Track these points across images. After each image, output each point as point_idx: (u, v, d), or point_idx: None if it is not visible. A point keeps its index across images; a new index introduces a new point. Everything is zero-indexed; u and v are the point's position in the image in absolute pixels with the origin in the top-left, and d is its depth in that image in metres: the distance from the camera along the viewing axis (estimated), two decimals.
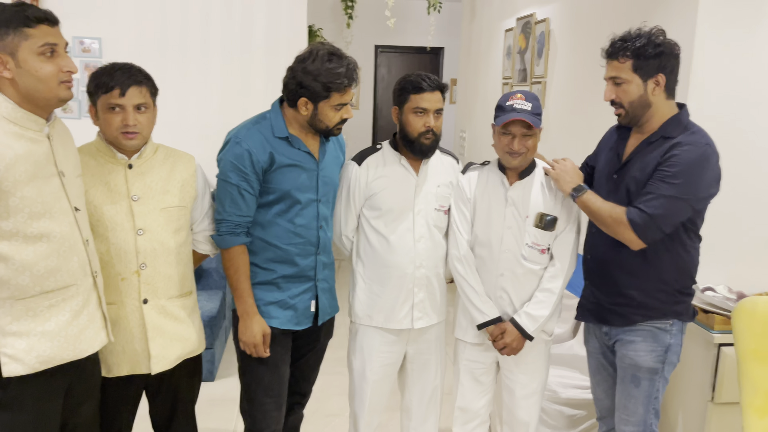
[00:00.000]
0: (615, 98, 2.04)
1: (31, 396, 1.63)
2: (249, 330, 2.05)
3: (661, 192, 1.93)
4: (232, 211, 2.01)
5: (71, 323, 1.66)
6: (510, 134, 2.08)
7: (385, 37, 7.30)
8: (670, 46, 1.99)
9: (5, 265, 1.56)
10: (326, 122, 2.04)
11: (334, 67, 1.96)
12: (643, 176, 2.00)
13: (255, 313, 2.06)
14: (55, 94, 1.60)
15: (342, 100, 2.01)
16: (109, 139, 1.86)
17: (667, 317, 2.07)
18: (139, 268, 1.87)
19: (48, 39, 1.56)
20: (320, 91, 1.97)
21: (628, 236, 1.97)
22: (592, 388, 2.35)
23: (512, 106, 2.07)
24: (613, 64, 2.02)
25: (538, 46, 4.08)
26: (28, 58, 1.54)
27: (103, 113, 1.82)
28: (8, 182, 1.52)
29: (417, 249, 2.20)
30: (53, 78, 1.58)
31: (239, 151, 1.98)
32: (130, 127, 1.82)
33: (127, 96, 1.81)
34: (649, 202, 1.94)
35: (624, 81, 1.99)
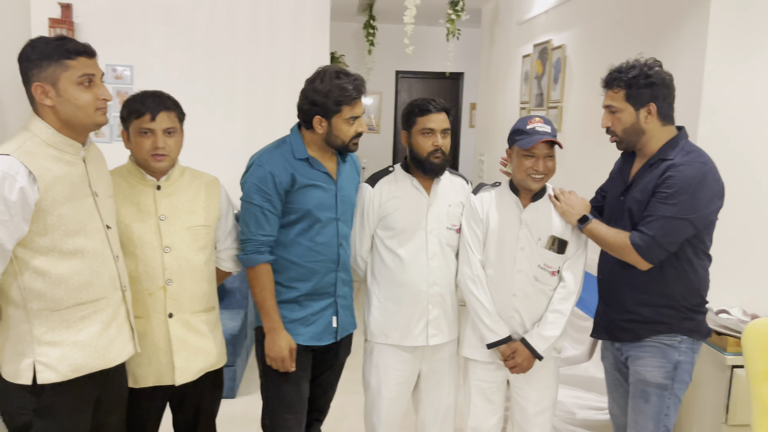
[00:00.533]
0: (610, 125, 2.15)
1: (63, 404, 1.72)
2: (276, 345, 2.11)
3: (661, 213, 2.01)
4: (257, 231, 2.09)
5: (101, 334, 1.76)
6: (533, 156, 2.15)
7: (406, 63, 7.45)
8: (660, 76, 2.07)
9: (42, 279, 1.66)
10: (341, 137, 2.13)
11: (342, 83, 2.08)
12: (644, 197, 2.08)
13: (281, 329, 2.13)
14: (92, 120, 1.72)
15: (353, 113, 2.12)
16: (139, 161, 1.98)
17: (674, 333, 2.10)
18: (166, 284, 1.97)
19: (86, 70, 1.69)
20: (331, 106, 2.07)
21: (634, 258, 2.06)
22: (609, 405, 2.38)
23: (534, 129, 2.14)
24: (608, 94, 2.14)
25: (554, 72, 4.16)
26: (68, 88, 1.67)
27: (135, 137, 1.95)
28: (47, 202, 1.64)
29: (430, 267, 2.26)
30: (91, 105, 1.70)
31: (262, 174, 2.09)
32: (159, 149, 1.94)
33: (157, 121, 1.93)
34: (650, 224, 2.02)
35: (617, 109, 2.10)
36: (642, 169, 2.14)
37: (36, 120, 1.70)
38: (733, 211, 2.59)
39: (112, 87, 5.21)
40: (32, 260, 1.65)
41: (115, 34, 5.11)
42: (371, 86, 7.59)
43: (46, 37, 1.71)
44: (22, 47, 1.70)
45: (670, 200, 1.99)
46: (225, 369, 3.54)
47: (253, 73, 5.35)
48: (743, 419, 2.34)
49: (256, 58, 5.33)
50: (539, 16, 4.46)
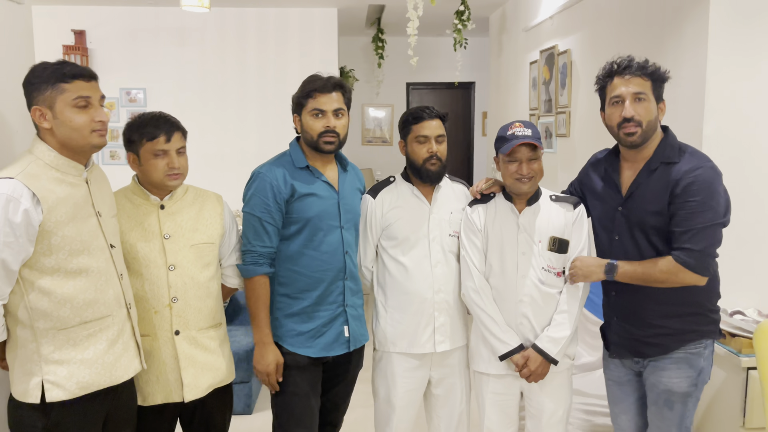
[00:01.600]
0: (636, 115, 1.98)
1: (72, 422, 1.75)
2: (264, 359, 2.13)
3: (700, 224, 1.93)
4: (256, 243, 2.12)
5: (108, 351, 1.79)
6: (516, 161, 2.16)
7: (417, 75, 7.48)
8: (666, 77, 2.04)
9: (48, 298, 1.70)
10: (310, 132, 2.16)
11: (311, 79, 2.17)
12: (659, 206, 1.99)
13: (270, 342, 2.14)
14: (88, 141, 1.76)
15: (316, 105, 2.14)
16: (153, 182, 2.01)
17: (702, 339, 2.05)
18: (171, 301, 2.00)
19: (82, 92, 1.73)
20: (299, 100, 2.16)
21: (690, 279, 1.96)
22: (614, 417, 2.30)
23: (514, 134, 2.15)
24: (636, 81, 1.99)
25: (561, 77, 4.15)
26: (63, 110, 1.71)
27: (149, 159, 1.98)
28: (51, 223, 1.68)
29: (435, 274, 2.27)
30: (86, 127, 1.74)
31: (262, 185, 2.13)
32: (176, 169, 1.99)
33: (171, 142, 1.99)
34: (692, 240, 1.93)
35: (646, 98, 1.99)
36: (641, 175, 2.05)
37: (39, 143, 1.75)
38: (742, 210, 2.55)
39: (126, 110, 5.34)
40: (38, 280, 1.69)
41: (127, 58, 5.24)
42: (382, 99, 7.64)
43: (47, 62, 1.75)
44: (27, 73, 1.76)
45: (701, 209, 1.92)
46: (241, 385, 3.61)
47: (263, 91, 5.43)
48: (761, 422, 2.29)
49: (266, 76, 5.42)
50: (545, 22, 4.46)
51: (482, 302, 2.23)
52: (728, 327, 2.43)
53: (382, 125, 7.76)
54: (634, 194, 2.06)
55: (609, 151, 2.22)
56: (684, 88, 2.67)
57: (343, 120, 2.20)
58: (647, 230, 2.03)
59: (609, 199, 2.14)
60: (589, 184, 2.25)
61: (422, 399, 2.42)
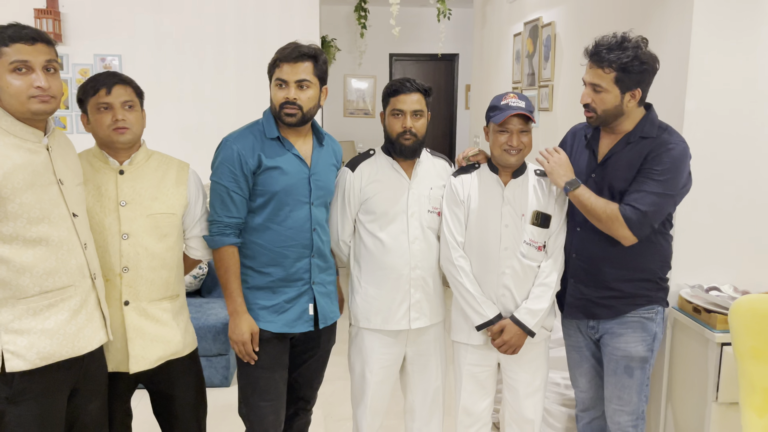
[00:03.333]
0: (590, 103, 2.09)
1: (35, 392, 1.71)
2: (238, 328, 2.09)
3: (652, 189, 2.02)
4: (223, 213, 2.06)
5: (70, 322, 1.75)
6: (507, 132, 2.13)
7: (400, 46, 7.37)
8: (652, 62, 2.05)
9: (6, 267, 1.65)
10: (274, 102, 2.09)
11: (281, 48, 2.07)
12: (630, 174, 2.07)
13: (244, 312, 2.10)
14: (26, 108, 1.67)
15: (279, 75, 2.05)
16: (102, 140, 1.94)
17: (652, 305, 2.17)
18: (122, 271, 1.94)
19: (19, 56, 1.64)
20: (270, 69, 2.09)
21: (623, 233, 2.05)
22: (574, 381, 2.40)
23: (508, 105, 2.13)
24: (596, 72, 2.06)
25: (545, 50, 4.10)
26: (3, 75, 1.65)
27: (94, 115, 1.92)
28: (7, 189, 1.62)
29: (412, 250, 2.24)
30: (22, 93, 1.66)
31: (229, 153, 2.06)
32: (119, 122, 1.91)
33: (113, 94, 1.91)
34: (641, 200, 2.02)
35: (603, 90, 2.05)
36: (617, 145, 2.13)
37: None
38: (722, 186, 2.56)
39: None
40: None
41: (102, 23, 5.07)
42: (365, 70, 7.53)
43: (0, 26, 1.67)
44: None
45: (660, 177, 2.01)
46: (218, 358, 3.59)
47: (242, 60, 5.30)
48: (733, 397, 2.32)
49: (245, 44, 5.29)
50: None
51: (459, 274, 2.22)
52: (704, 303, 2.44)
53: (364, 97, 7.67)
54: (609, 161, 2.14)
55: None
56: (667, 62, 2.62)
57: (309, 92, 2.07)
58: (615, 195, 2.11)
59: (584, 165, 2.21)
60: (567, 152, 2.28)
61: (398, 374, 2.41)
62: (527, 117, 2.12)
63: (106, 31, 5.08)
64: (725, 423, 2.36)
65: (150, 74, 4.85)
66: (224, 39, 5.27)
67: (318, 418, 3.30)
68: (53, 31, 4.81)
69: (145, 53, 5.12)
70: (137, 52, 5.11)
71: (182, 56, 5.16)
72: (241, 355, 2.13)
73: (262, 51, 5.19)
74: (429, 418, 2.41)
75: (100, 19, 5.05)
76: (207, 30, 5.23)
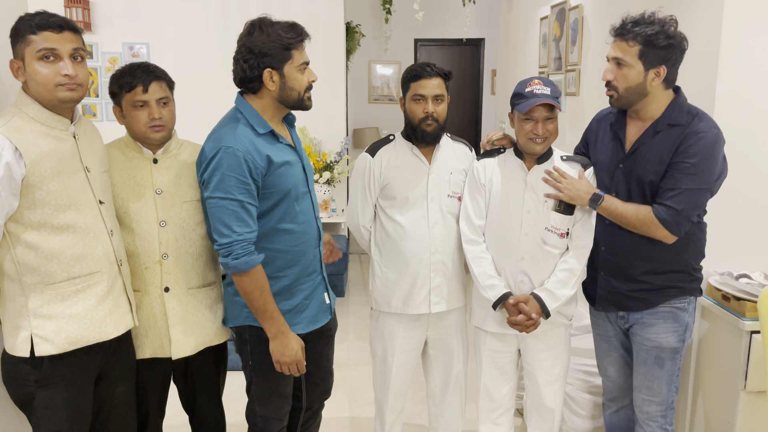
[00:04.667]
0: (612, 80, 2.02)
1: (63, 376, 1.76)
2: (289, 349, 1.92)
3: (686, 186, 1.96)
4: (242, 230, 1.83)
5: (97, 307, 1.78)
6: (533, 120, 2.10)
7: (425, 31, 7.30)
8: (679, 39, 1.98)
9: (35, 253, 1.69)
10: (297, 88, 1.90)
11: (283, 26, 1.87)
12: (660, 167, 2.01)
13: (289, 330, 1.93)
14: (53, 96, 1.69)
15: (303, 59, 1.91)
16: (137, 135, 1.97)
17: (685, 296, 2.11)
18: (162, 258, 1.97)
19: (47, 44, 1.65)
20: (281, 52, 1.85)
21: (661, 234, 2.00)
22: (602, 370, 2.37)
23: (533, 92, 2.08)
24: (620, 45, 1.99)
25: (572, 34, 4.02)
26: (30, 63, 1.66)
27: (129, 111, 1.94)
28: (34, 177, 1.65)
29: (432, 235, 2.23)
30: (50, 81, 1.67)
31: (234, 162, 1.81)
32: (156, 120, 1.93)
33: (149, 92, 1.91)
34: (675, 198, 1.96)
35: (626, 65, 1.98)
36: (646, 134, 2.06)
37: (23, 96, 1.70)
38: (754, 172, 2.50)
39: None
40: (23, 234, 1.67)
41: (131, 12, 5.13)
42: (390, 56, 7.49)
43: (29, 14, 1.69)
44: None
45: (692, 171, 1.95)
46: None
47: None
48: (761, 386, 2.28)
49: None
50: None
51: (474, 255, 2.21)
52: (733, 290, 2.39)
53: (389, 83, 7.63)
54: (637, 152, 2.07)
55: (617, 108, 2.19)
56: (697, 44, 2.56)
57: None
58: (644, 188, 2.05)
59: (611, 155, 2.15)
60: (593, 140, 2.24)
61: (420, 359, 2.42)
62: (552, 105, 2.08)
63: (134, 19, 5.14)
64: (753, 411, 2.32)
65: (177, 62, 4.89)
66: None
67: (343, 402, 3.34)
68: (83, 20, 4.88)
69: (172, 41, 5.17)
70: (165, 41, 5.16)
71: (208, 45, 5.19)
72: (291, 372, 1.97)
73: None
74: (450, 403, 2.42)
75: (128, 8, 5.11)
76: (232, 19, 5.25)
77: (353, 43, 6.41)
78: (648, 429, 2.20)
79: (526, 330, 2.15)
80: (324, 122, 5.19)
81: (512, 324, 2.16)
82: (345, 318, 4.53)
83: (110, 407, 1.92)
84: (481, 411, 2.38)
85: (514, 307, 2.15)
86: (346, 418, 3.20)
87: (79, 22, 4.84)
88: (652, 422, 2.19)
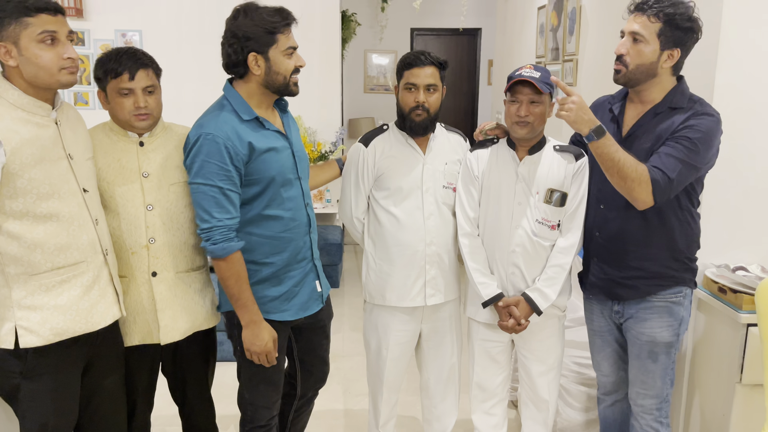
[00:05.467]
0: (624, 54, 1.96)
1: (48, 367, 1.73)
2: (259, 339, 1.93)
3: (682, 157, 1.91)
4: (222, 216, 1.84)
5: (83, 298, 1.75)
6: (517, 102, 2.06)
7: (421, 20, 7.25)
8: (698, 25, 1.94)
9: (18, 243, 1.65)
10: (283, 72, 1.90)
11: (268, 10, 1.87)
12: (657, 147, 1.97)
13: (262, 320, 1.94)
14: (56, 79, 1.66)
15: (289, 43, 1.90)
16: (121, 122, 1.92)
17: (679, 286, 2.08)
18: (149, 242, 1.93)
19: (47, 27, 1.62)
20: (265, 36, 1.85)
21: (644, 196, 1.90)
22: (596, 366, 2.34)
23: (521, 74, 2.05)
24: (640, 19, 1.92)
25: (569, 24, 3.99)
26: (28, 46, 1.62)
27: (114, 98, 1.89)
28: (15, 165, 1.61)
29: (427, 226, 2.21)
30: (54, 65, 1.64)
31: (215, 148, 1.82)
32: (141, 109, 1.88)
33: (135, 80, 1.87)
34: (671, 166, 1.90)
35: (643, 40, 1.92)
36: (645, 117, 2.03)
37: (2, 82, 1.66)
38: (751, 163, 2.47)
39: None
40: (5, 224, 1.64)
41: None
42: (386, 45, 7.43)
43: None
44: None
45: (691, 146, 1.91)
46: None
47: None
48: (757, 378, 2.26)
49: None
50: None
51: (468, 250, 2.19)
52: (730, 282, 2.38)
53: (385, 72, 7.58)
54: (634, 134, 2.04)
55: (618, 92, 2.17)
56: None
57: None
58: None
59: None
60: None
61: (413, 351, 2.40)
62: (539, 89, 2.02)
63: (126, 6, 5.07)
64: (749, 404, 2.31)
65: (170, 50, 4.83)
66: None
67: (337, 393, 3.32)
68: (74, 6, 4.81)
69: (165, 29, 5.11)
70: (158, 28, 5.09)
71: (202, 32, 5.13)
72: (261, 362, 1.98)
73: None
74: (444, 395, 2.41)
75: None
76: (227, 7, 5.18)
77: (349, 32, 6.35)
78: (643, 422, 2.19)
79: (514, 332, 2.16)
80: (319, 112, 5.15)
81: (502, 327, 2.17)
82: (340, 309, 4.52)
83: (99, 399, 1.90)
84: (473, 401, 2.36)
85: (504, 310, 2.15)
86: (341, 410, 3.19)
87: (70, 8, 4.77)
88: (647, 415, 2.18)
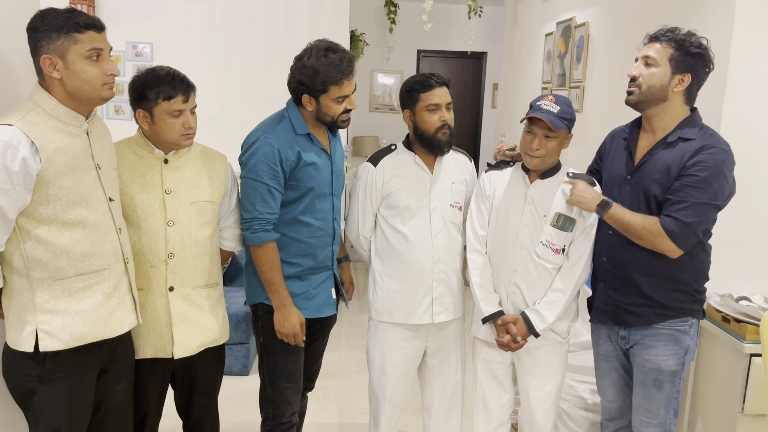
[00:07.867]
0: (637, 76, 2.04)
1: (66, 372, 1.75)
2: (288, 321, 2.12)
3: (694, 199, 1.95)
4: (264, 210, 2.07)
5: (103, 304, 1.78)
6: (532, 134, 2.10)
7: (428, 42, 7.33)
8: (709, 54, 2.02)
9: (44, 248, 1.68)
10: (330, 114, 2.12)
11: (330, 62, 2.04)
12: (667, 179, 2.01)
13: (291, 305, 2.13)
14: (98, 94, 1.73)
15: (341, 93, 2.08)
16: (166, 141, 1.96)
17: (685, 316, 2.09)
18: (168, 257, 1.98)
19: (95, 44, 1.69)
20: (318, 86, 2.05)
21: (667, 246, 1.98)
22: (601, 390, 2.35)
23: (540, 107, 2.09)
24: (653, 46, 2.04)
25: (577, 51, 4.05)
26: (76, 61, 1.67)
27: (164, 119, 1.92)
28: (49, 172, 1.65)
29: (434, 244, 2.24)
30: (98, 80, 1.71)
31: (270, 150, 2.06)
32: (191, 129, 1.97)
33: (189, 102, 1.96)
34: (683, 211, 1.95)
35: (655, 64, 2.01)
36: (656, 146, 2.07)
37: (40, 91, 1.70)
38: (756, 196, 2.51)
39: (132, 64, 5.23)
40: (34, 229, 1.67)
41: (135, 10, 5.12)
42: (392, 65, 7.50)
43: (56, 9, 1.70)
44: (32, 18, 1.70)
45: (702, 185, 1.94)
46: (239, 346, 3.61)
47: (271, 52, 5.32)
48: (760, 409, 2.28)
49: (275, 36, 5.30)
50: None
51: (475, 266, 2.23)
52: (733, 312, 2.40)
53: (390, 92, 7.64)
54: (646, 164, 2.08)
55: (632, 122, 2.22)
56: None
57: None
58: (649, 199, 2.05)
59: (620, 167, 2.16)
60: (606, 156, 2.25)
61: (416, 371, 2.41)
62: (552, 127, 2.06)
63: (138, 18, 5.13)
64: None
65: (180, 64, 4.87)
66: (254, 31, 5.29)
67: (333, 411, 3.31)
68: None
69: (176, 42, 5.17)
70: (169, 41, 5.15)
71: (212, 47, 5.19)
72: (289, 341, 2.16)
73: (292, 44, 5.20)
74: (447, 415, 2.41)
75: (133, 7, 5.11)
76: (237, 21, 5.25)
77: (356, 52, 6.42)
78: None
79: (511, 350, 2.19)
80: None
81: (499, 344, 2.20)
82: (338, 326, 4.50)
83: (108, 405, 1.91)
84: (476, 421, 2.36)
85: (501, 327, 2.18)
86: (337, 426, 3.18)
87: None
88: None
